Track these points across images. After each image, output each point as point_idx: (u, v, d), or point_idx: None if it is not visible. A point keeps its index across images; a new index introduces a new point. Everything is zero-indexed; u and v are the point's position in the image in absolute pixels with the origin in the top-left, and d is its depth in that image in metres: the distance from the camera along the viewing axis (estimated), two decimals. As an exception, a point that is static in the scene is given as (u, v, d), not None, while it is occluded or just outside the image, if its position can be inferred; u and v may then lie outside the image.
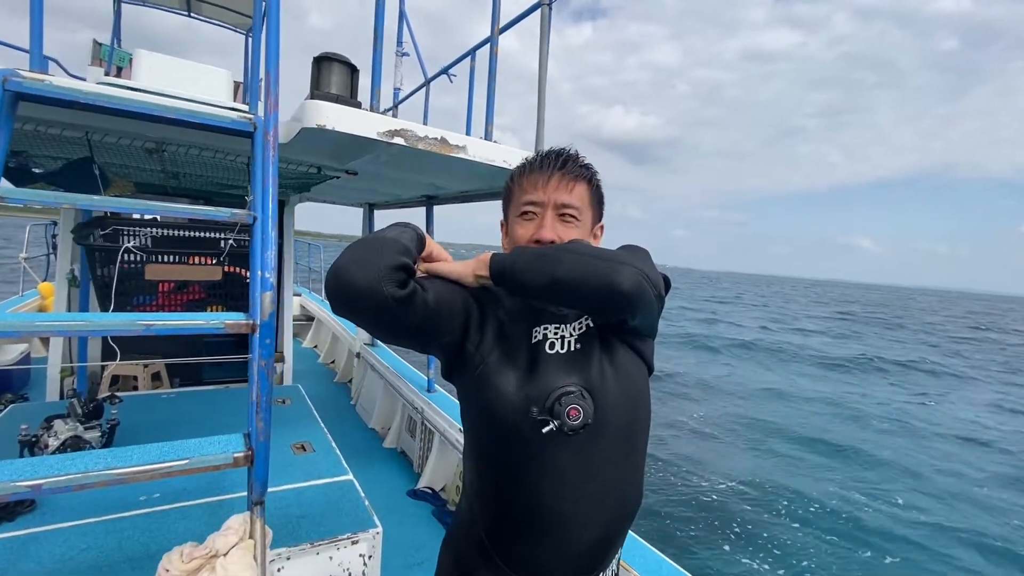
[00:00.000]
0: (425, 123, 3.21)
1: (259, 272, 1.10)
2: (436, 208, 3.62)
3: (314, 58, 1.78)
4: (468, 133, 2.40)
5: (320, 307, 7.17)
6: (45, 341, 4.37)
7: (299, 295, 7.79)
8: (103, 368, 3.37)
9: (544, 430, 0.84)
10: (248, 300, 1.16)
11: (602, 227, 1.04)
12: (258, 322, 1.07)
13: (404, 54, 4.00)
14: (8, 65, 1.24)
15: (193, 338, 3.58)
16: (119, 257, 1.75)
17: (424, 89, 3.62)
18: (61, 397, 3.05)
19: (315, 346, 6.97)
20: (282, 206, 4.34)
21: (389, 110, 3.85)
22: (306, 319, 7.46)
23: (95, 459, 0.99)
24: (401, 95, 4.00)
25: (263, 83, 1.18)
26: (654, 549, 1.93)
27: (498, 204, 1.08)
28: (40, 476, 0.92)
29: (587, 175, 0.96)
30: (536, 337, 0.92)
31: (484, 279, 0.91)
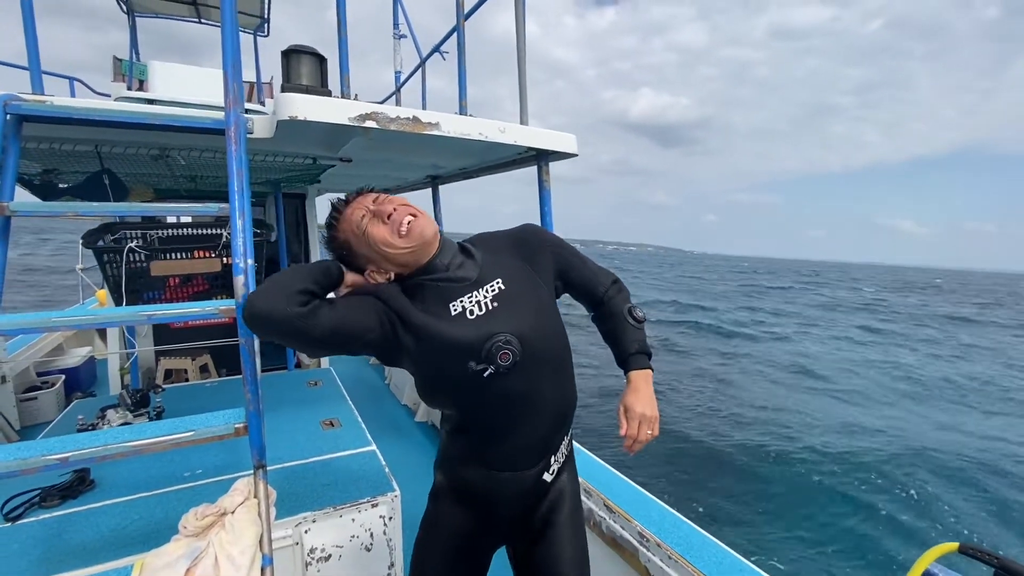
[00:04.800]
0: (424, 105, 3.23)
1: (237, 260, 1.19)
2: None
3: (282, 52, 1.84)
4: (460, 112, 2.42)
5: None
6: (106, 342, 4.77)
7: None
8: (157, 363, 3.69)
9: (485, 375, 1.06)
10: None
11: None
12: (235, 306, 1.17)
13: (402, 36, 4.00)
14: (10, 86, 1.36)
15: (231, 329, 3.84)
16: (124, 257, 1.92)
17: (422, 70, 3.64)
18: (122, 391, 3.37)
19: None
20: (303, 199, 4.54)
21: (391, 96, 3.89)
22: None
23: (115, 435, 1.13)
24: (402, 78, 4.02)
25: (224, 78, 1.25)
26: None
27: (487, 179, 1.27)
28: (68, 450, 1.06)
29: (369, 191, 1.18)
30: (456, 310, 1.10)
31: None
